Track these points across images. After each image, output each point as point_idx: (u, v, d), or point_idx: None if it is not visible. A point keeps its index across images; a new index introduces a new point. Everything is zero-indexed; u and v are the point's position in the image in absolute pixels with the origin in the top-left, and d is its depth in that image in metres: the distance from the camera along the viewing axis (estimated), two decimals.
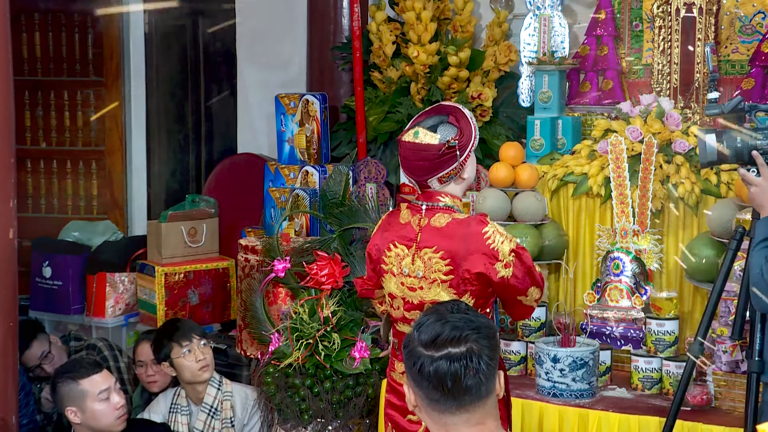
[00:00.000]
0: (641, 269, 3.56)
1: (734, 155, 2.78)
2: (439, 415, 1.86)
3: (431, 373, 1.83)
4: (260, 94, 5.07)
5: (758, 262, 2.63)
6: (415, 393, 1.88)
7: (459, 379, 1.82)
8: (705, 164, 2.84)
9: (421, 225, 2.78)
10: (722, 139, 2.78)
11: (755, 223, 2.76)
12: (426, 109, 2.89)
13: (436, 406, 1.85)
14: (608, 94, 3.99)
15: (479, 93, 4.30)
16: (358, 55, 4.44)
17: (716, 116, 2.85)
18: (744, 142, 2.76)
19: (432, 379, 1.83)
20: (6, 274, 3.11)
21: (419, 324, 1.90)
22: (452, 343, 1.84)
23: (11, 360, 3.17)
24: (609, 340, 3.52)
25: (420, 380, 1.85)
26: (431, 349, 1.84)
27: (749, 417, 2.77)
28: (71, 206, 5.62)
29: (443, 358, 1.83)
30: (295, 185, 4.40)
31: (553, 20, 4.07)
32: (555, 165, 3.85)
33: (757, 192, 2.74)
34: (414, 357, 1.86)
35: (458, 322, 1.87)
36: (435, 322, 1.87)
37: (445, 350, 1.83)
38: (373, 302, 3.06)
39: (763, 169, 2.74)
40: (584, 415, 3.22)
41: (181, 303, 4.50)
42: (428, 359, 1.83)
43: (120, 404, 3.37)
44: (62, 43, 5.58)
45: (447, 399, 1.84)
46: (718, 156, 2.79)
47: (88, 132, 5.62)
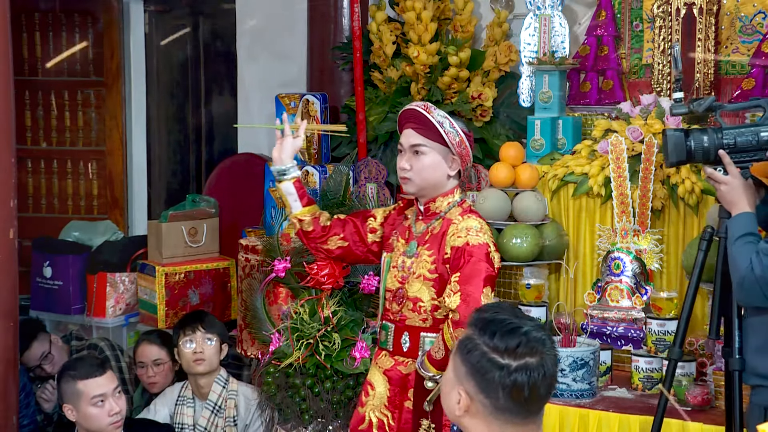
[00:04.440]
0: (642, 269, 3.56)
1: (702, 155, 2.80)
2: (501, 424, 1.79)
3: (510, 383, 1.76)
4: (260, 94, 5.07)
5: (745, 257, 2.63)
6: (478, 400, 1.80)
7: (536, 389, 1.77)
8: (673, 163, 2.86)
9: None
10: (690, 138, 2.80)
11: (724, 222, 2.78)
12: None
13: (502, 415, 1.79)
14: (608, 94, 3.99)
15: (479, 93, 4.30)
16: (358, 55, 4.44)
17: (682, 115, 2.87)
18: (711, 141, 2.78)
19: (508, 388, 1.76)
20: (6, 274, 3.11)
21: (488, 330, 1.81)
22: (530, 352, 1.78)
23: (12, 360, 3.17)
24: (609, 340, 3.52)
25: (492, 389, 1.77)
26: (509, 358, 1.77)
27: (735, 417, 2.77)
28: (72, 206, 5.63)
29: (522, 368, 1.76)
30: None
31: (554, 20, 4.07)
32: (555, 165, 3.85)
33: (727, 190, 2.76)
34: (488, 365, 1.78)
35: (532, 329, 1.81)
36: (511, 330, 1.79)
37: (523, 360, 1.77)
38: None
39: (730, 168, 2.77)
40: (585, 415, 3.22)
41: (182, 303, 4.50)
42: (506, 368, 1.77)
43: (114, 411, 3.33)
44: (62, 43, 5.58)
45: (519, 409, 1.78)
46: (686, 156, 2.80)
47: (88, 132, 5.62)
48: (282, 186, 2.99)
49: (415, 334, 2.87)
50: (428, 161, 2.85)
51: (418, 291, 2.85)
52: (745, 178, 2.77)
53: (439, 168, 2.86)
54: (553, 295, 3.82)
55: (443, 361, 2.75)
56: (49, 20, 5.59)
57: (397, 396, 2.89)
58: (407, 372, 2.88)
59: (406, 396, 2.88)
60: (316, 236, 3.00)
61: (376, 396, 2.93)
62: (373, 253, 3.05)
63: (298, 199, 2.97)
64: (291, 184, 2.97)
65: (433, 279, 2.83)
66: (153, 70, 5.78)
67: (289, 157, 2.97)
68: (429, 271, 2.84)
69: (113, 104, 5.57)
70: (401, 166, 2.87)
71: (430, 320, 2.86)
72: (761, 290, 2.61)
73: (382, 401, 2.92)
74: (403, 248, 2.93)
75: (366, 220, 3.04)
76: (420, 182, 2.86)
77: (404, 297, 2.88)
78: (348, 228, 3.02)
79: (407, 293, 2.87)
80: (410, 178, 2.86)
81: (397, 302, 2.89)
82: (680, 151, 2.81)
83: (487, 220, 3.79)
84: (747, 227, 2.70)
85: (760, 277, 2.59)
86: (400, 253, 2.93)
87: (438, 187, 2.88)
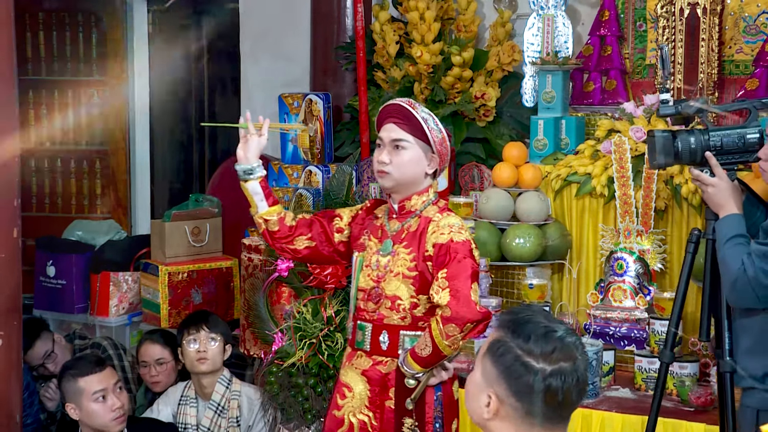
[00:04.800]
0: (645, 269, 3.55)
1: (688, 156, 2.79)
2: (531, 427, 1.77)
3: (544, 387, 1.74)
4: (264, 93, 5.07)
5: (736, 258, 2.63)
6: (508, 403, 1.77)
7: (569, 394, 1.76)
8: (660, 165, 2.85)
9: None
10: (676, 140, 2.79)
11: (711, 224, 2.78)
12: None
13: (533, 419, 1.77)
14: (612, 94, 3.99)
15: (482, 93, 4.29)
16: (361, 54, 4.44)
17: (670, 116, 2.86)
18: (698, 142, 2.77)
19: (542, 393, 1.74)
20: (10, 273, 3.11)
21: (521, 332, 1.78)
22: (565, 357, 1.76)
23: (15, 359, 3.17)
24: (612, 341, 3.51)
25: (525, 393, 1.75)
26: (543, 362, 1.75)
27: (728, 419, 2.77)
28: (75, 205, 5.63)
29: (556, 373, 1.75)
30: (298, 185, 4.39)
31: (557, 20, 4.07)
32: (558, 165, 3.85)
33: (714, 192, 2.76)
34: (521, 368, 1.76)
35: (566, 334, 1.79)
36: (545, 333, 1.77)
37: (557, 365, 1.75)
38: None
39: (717, 170, 2.76)
40: (587, 416, 3.22)
41: (185, 302, 4.50)
42: (540, 373, 1.74)
43: (116, 406, 3.36)
44: (66, 42, 5.59)
45: (551, 413, 1.76)
46: (673, 157, 2.80)
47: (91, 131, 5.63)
48: (248, 185, 2.94)
49: (394, 333, 2.85)
50: (408, 157, 2.83)
51: (396, 289, 2.84)
52: (731, 180, 2.77)
53: (418, 164, 2.84)
54: (555, 295, 3.82)
55: (429, 358, 2.75)
56: (53, 20, 5.60)
57: (378, 396, 2.87)
58: (387, 371, 2.86)
59: (387, 395, 2.86)
60: (282, 236, 2.97)
61: (355, 397, 2.90)
62: (340, 253, 3.03)
63: (264, 198, 2.94)
64: (257, 183, 2.93)
65: (412, 277, 2.82)
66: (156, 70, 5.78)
67: (254, 156, 2.93)
68: (408, 269, 2.83)
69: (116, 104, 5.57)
70: (380, 160, 2.84)
71: (409, 318, 2.84)
72: (753, 291, 2.60)
73: (363, 402, 2.89)
74: (376, 247, 2.90)
75: (332, 220, 3.02)
76: (398, 177, 2.84)
77: (381, 296, 2.86)
78: (315, 228, 2.99)
79: (384, 291, 2.85)
80: (389, 172, 2.84)
81: (373, 301, 2.86)
82: (668, 153, 2.80)
83: (490, 220, 3.81)
84: (736, 229, 2.69)
85: (752, 279, 2.59)
86: (373, 251, 2.90)
87: (414, 184, 2.87)
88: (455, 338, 2.70)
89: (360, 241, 2.96)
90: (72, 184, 5.63)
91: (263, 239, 3.05)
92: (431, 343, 2.73)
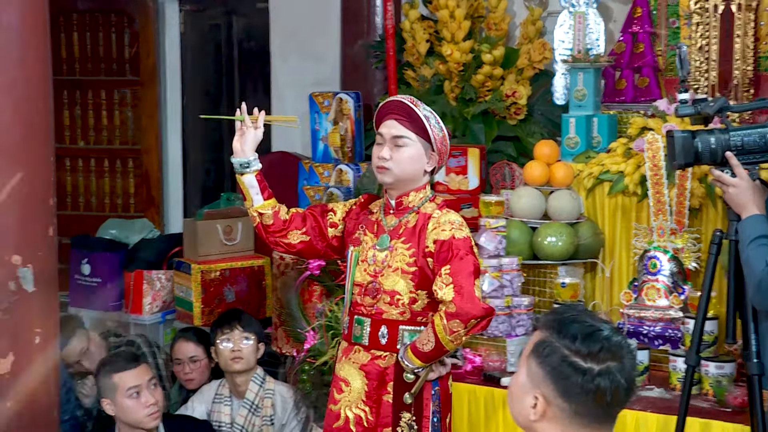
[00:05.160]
0: (679, 268, 3.52)
1: (708, 156, 2.76)
2: (579, 428, 1.76)
3: (593, 387, 1.73)
4: (294, 92, 5.09)
5: (760, 259, 2.60)
6: (556, 404, 1.76)
7: (618, 393, 1.74)
8: (680, 165, 2.82)
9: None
10: (697, 140, 2.76)
11: (733, 225, 2.74)
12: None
13: (581, 419, 1.75)
14: (644, 91, 3.96)
15: (513, 91, 4.28)
16: (391, 53, 4.44)
17: (689, 116, 2.84)
18: (718, 142, 2.74)
19: (591, 393, 1.73)
20: (47, 270, 3.14)
21: (567, 332, 1.76)
22: (612, 357, 1.74)
23: (52, 356, 3.20)
24: (646, 340, 3.49)
25: (573, 393, 1.74)
26: (591, 362, 1.73)
27: (758, 423, 2.74)
28: (109, 204, 5.69)
29: (604, 372, 1.73)
30: (329, 183, 4.41)
31: (588, 17, 4.04)
32: (590, 163, 3.83)
33: (736, 192, 2.73)
34: (569, 369, 1.74)
35: (612, 333, 1.77)
36: (591, 333, 1.75)
37: (605, 364, 1.73)
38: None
39: (738, 170, 2.73)
40: (622, 416, 3.15)
41: (217, 300, 4.52)
42: (588, 373, 1.73)
43: (150, 402, 3.39)
44: (99, 43, 5.64)
45: (600, 413, 1.75)
46: (693, 157, 2.77)
47: (125, 131, 5.68)
48: (244, 179, 2.95)
49: (393, 328, 2.87)
50: (409, 153, 2.85)
51: (395, 284, 2.85)
52: (753, 180, 2.74)
53: (418, 162, 2.87)
54: (588, 294, 3.80)
55: (431, 353, 2.77)
56: (86, 20, 5.66)
57: (375, 390, 2.88)
58: (385, 366, 2.87)
59: (384, 390, 2.88)
60: (276, 230, 2.98)
61: (352, 391, 2.91)
62: (333, 248, 3.04)
63: (259, 192, 2.95)
64: (253, 176, 2.94)
65: (411, 272, 2.84)
66: (188, 69, 5.82)
67: (251, 149, 2.93)
68: (407, 264, 2.85)
69: (149, 103, 5.61)
70: (381, 156, 2.86)
71: (408, 313, 2.86)
72: None
73: (359, 396, 2.90)
74: (372, 242, 2.92)
75: (325, 214, 3.03)
76: (398, 173, 2.86)
77: (378, 290, 2.87)
78: (309, 222, 3.00)
79: (383, 286, 2.87)
80: (389, 168, 2.85)
81: (371, 296, 2.88)
82: (688, 153, 2.78)
83: (521, 218, 3.79)
84: (759, 229, 2.66)
85: None
86: (369, 246, 2.92)
87: (413, 181, 2.89)
88: (458, 334, 2.73)
89: (355, 236, 2.97)
90: (106, 183, 5.69)
91: (257, 232, 3.05)
92: (434, 338, 2.75)
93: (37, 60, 3.11)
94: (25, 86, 3.06)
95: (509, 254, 3.66)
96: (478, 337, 3.53)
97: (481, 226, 3.69)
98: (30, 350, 3.10)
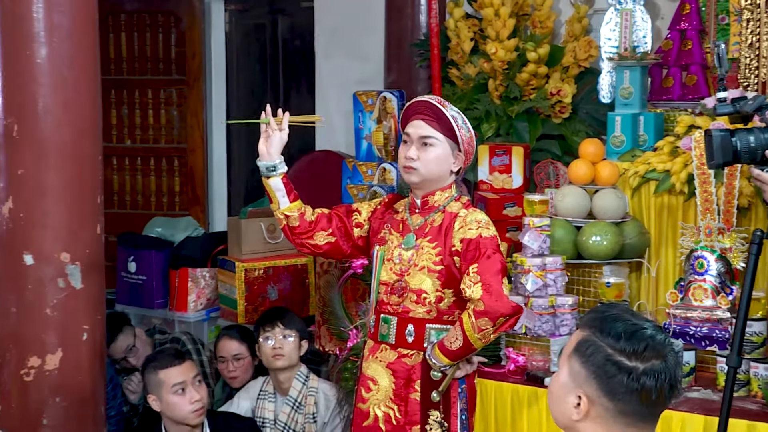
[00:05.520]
0: (726, 268, 3.47)
1: (747, 155, 2.72)
2: (623, 427, 1.75)
3: (638, 386, 1.72)
4: (338, 91, 5.10)
5: None
6: (600, 403, 1.75)
7: (663, 392, 1.74)
8: (718, 165, 2.78)
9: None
10: (735, 138, 2.72)
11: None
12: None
13: (625, 418, 1.74)
14: (692, 89, 3.91)
15: (558, 89, 4.25)
16: (435, 51, 4.42)
17: (727, 115, 2.79)
18: (758, 141, 2.70)
19: (637, 392, 1.73)
20: (95, 268, 3.19)
21: (611, 331, 1.76)
22: (656, 355, 1.74)
23: (99, 352, 3.25)
24: (693, 341, 3.44)
25: (618, 392, 1.73)
26: (635, 361, 1.73)
27: None
28: (155, 202, 5.75)
29: (649, 371, 1.73)
30: (372, 182, 4.41)
31: (635, 14, 4.00)
32: (636, 162, 3.79)
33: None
34: (613, 368, 1.73)
35: (655, 332, 1.77)
36: (635, 331, 1.75)
37: (650, 363, 1.73)
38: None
39: None
40: (668, 417, 3.16)
41: (261, 298, 4.55)
42: (633, 372, 1.73)
43: (195, 399, 3.42)
44: (146, 43, 5.71)
45: (645, 412, 1.75)
46: (732, 156, 2.73)
47: (170, 130, 5.73)
48: (270, 182, 2.95)
49: (420, 326, 2.88)
50: (436, 154, 2.86)
51: (421, 283, 2.86)
52: None
53: (445, 162, 2.88)
54: (633, 294, 3.76)
55: (459, 351, 2.77)
56: (134, 20, 5.72)
57: (403, 388, 2.90)
58: (412, 364, 2.88)
59: (412, 388, 2.88)
60: (302, 231, 2.98)
61: (380, 390, 2.93)
62: (359, 248, 3.05)
63: (286, 195, 2.96)
64: (279, 179, 2.94)
65: (438, 271, 2.85)
66: (233, 69, 5.86)
67: (277, 152, 2.94)
68: (434, 263, 2.86)
69: (194, 102, 5.67)
70: (408, 156, 2.87)
71: (434, 312, 2.87)
72: None
73: (387, 395, 2.91)
74: (398, 241, 2.93)
75: (350, 214, 3.04)
76: (425, 173, 2.87)
77: (405, 289, 2.88)
78: (334, 222, 3.01)
79: (409, 285, 2.88)
80: (416, 168, 2.87)
81: (397, 294, 2.89)
82: (727, 152, 2.74)
83: (566, 217, 3.76)
84: None
85: None
86: (395, 245, 2.93)
87: (439, 180, 2.90)
88: (487, 332, 2.74)
89: (380, 235, 2.98)
90: (152, 182, 5.75)
91: (283, 234, 3.06)
92: (462, 336, 2.76)
93: (87, 60, 3.15)
94: (74, 86, 3.11)
95: (553, 253, 3.64)
96: (521, 336, 3.52)
97: (525, 225, 3.67)
98: (78, 346, 3.15)
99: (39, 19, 3.02)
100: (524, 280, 3.51)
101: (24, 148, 3.06)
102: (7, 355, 3.10)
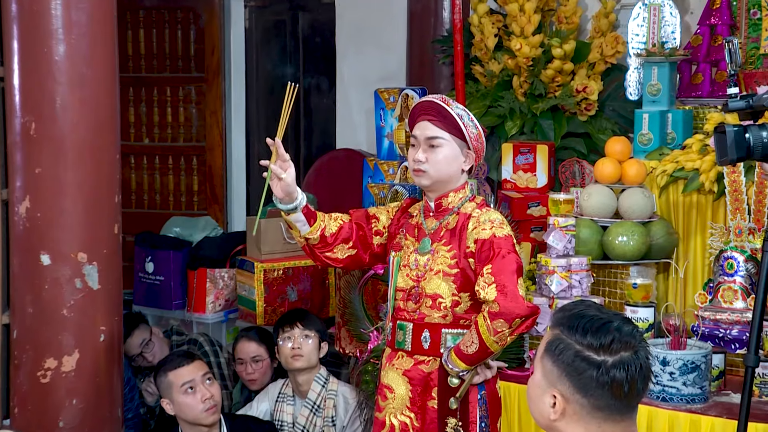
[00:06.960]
0: (757, 269, 3.39)
1: (761, 151, 2.66)
2: (600, 422, 1.78)
3: (608, 380, 1.75)
4: (359, 88, 5.06)
5: None
6: (574, 401, 1.78)
7: (634, 383, 1.76)
8: (731, 161, 2.72)
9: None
10: (749, 134, 2.65)
11: None
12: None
13: (601, 413, 1.77)
14: (722, 86, 3.84)
15: (584, 86, 4.19)
16: (459, 48, 4.35)
17: (739, 111, 2.72)
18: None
19: (608, 386, 1.75)
20: (112, 268, 3.15)
21: (577, 328, 1.78)
22: (624, 347, 1.76)
23: (117, 354, 3.22)
24: (722, 343, 3.37)
25: (590, 388, 1.76)
26: (604, 354, 1.76)
27: None
28: (173, 202, 5.72)
29: (618, 363, 1.75)
30: (393, 181, 4.37)
31: (664, 9, 3.94)
32: (664, 160, 3.73)
33: None
34: (583, 364, 1.76)
35: (622, 324, 1.79)
36: (601, 326, 1.77)
37: (618, 355, 1.75)
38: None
39: None
40: (696, 421, 3.10)
41: (280, 300, 4.50)
42: (603, 365, 1.75)
43: (206, 397, 3.38)
44: (165, 39, 5.68)
45: (619, 405, 1.77)
46: (745, 152, 2.67)
47: (189, 128, 5.70)
48: (291, 217, 2.88)
49: (436, 332, 2.82)
50: (444, 154, 2.80)
51: (437, 287, 2.80)
52: None
53: (454, 162, 2.82)
54: (661, 296, 3.71)
55: (476, 355, 2.71)
56: (152, 17, 5.69)
57: (420, 396, 2.84)
58: (429, 371, 2.82)
59: (429, 395, 2.82)
60: (322, 246, 2.92)
61: (396, 398, 2.87)
62: (376, 256, 2.99)
63: (306, 223, 2.89)
64: (300, 213, 2.87)
65: (453, 274, 2.79)
66: (252, 66, 5.82)
67: (295, 190, 2.85)
68: (449, 267, 2.80)
69: (213, 100, 5.63)
70: (416, 158, 2.81)
71: (450, 316, 2.81)
72: None
73: (404, 403, 2.85)
74: (413, 246, 2.87)
75: (369, 221, 2.97)
76: (435, 175, 2.81)
77: (421, 295, 2.83)
78: (356, 233, 2.94)
79: (425, 290, 2.82)
80: (425, 170, 2.81)
81: (414, 300, 2.83)
82: (740, 148, 2.68)
83: (592, 217, 3.70)
84: None
85: None
86: (410, 251, 2.87)
87: (451, 181, 2.84)
88: (503, 334, 2.67)
89: (396, 241, 2.93)
90: (170, 181, 5.72)
91: (303, 251, 3.00)
92: (478, 339, 2.69)
93: (105, 57, 3.12)
94: (92, 83, 3.08)
95: (579, 254, 3.59)
96: None
97: (550, 225, 3.61)
98: (95, 348, 3.12)
99: (57, 16, 2.99)
100: (549, 281, 3.45)
101: (41, 147, 3.03)
102: (24, 356, 3.08)
